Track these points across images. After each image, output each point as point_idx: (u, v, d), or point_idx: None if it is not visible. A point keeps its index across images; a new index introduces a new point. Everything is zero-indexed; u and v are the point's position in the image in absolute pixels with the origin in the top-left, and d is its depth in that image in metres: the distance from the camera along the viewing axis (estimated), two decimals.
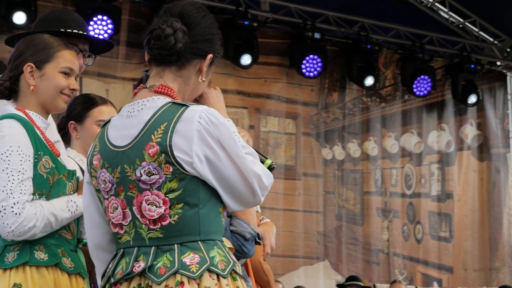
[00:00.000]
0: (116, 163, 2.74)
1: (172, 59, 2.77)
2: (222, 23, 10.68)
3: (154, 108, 2.71)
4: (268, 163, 3.35)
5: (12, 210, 3.05)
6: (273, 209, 10.95)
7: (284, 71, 11.24)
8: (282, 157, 11.16)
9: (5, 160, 3.10)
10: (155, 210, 2.67)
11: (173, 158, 2.64)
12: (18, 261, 3.14)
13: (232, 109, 10.89)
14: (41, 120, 3.30)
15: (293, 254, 11.05)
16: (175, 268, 2.62)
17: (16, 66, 3.30)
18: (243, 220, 3.32)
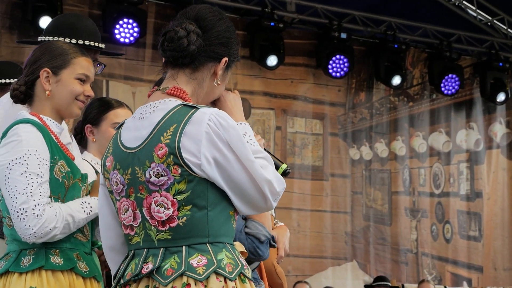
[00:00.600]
0: (127, 164, 2.74)
1: (185, 61, 2.77)
2: (247, 25, 10.71)
3: (165, 110, 2.71)
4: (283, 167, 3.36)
5: (33, 212, 3.09)
6: (300, 210, 10.96)
7: (310, 71, 11.23)
8: (309, 157, 11.15)
9: (23, 164, 3.13)
10: (164, 211, 2.67)
11: (181, 160, 2.63)
12: (34, 265, 3.16)
13: (259, 110, 10.91)
14: (55, 125, 3.33)
15: (321, 255, 11.04)
16: (182, 269, 2.62)
17: (33, 71, 3.34)
18: (258, 222, 3.32)
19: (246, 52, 10.74)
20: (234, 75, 10.74)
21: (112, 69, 9.96)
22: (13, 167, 3.13)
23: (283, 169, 3.36)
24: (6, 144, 3.19)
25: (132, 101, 10.07)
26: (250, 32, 10.71)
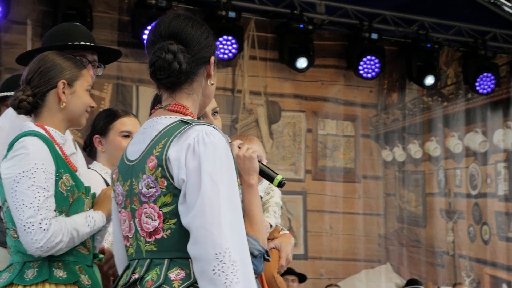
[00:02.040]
0: (127, 176, 2.81)
1: (182, 80, 2.81)
2: (277, 27, 10.69)
3: (164, 125, 2.77)
4: (278, 179, 3.34)
5: (40, 226, 3.12)
6: (332, 213, 10.89)
7: (341, 73, 11.16)
8: (341, 160, 11.08)
9: (30, 177, 3.16)
10: (151, 223, 2.72)
11: (167, 172, 2.68)
12: (38, 278, 3.20)
13: (289, 113, 10.87)
14: (59, 136, 3.37)
15: (354, 258, 10.96)
16: (160, 282, 2.66)
17: (46, 82, 3.36)
18: (251, 236, 3.27)
19: (275, 55, 10.72)
20: (264, 78, 10.73)
21: (141, 74, 10.00)
22: (20, 180, 3.17)
23: (278, 181, 3.34)
24: (13, 157, 3.23)
25: None
26: (279, 35, 10.68)
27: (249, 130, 10.60)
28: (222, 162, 2.66)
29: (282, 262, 3.62)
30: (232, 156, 2.74)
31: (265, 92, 10.74)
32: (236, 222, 2.64)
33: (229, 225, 2.60)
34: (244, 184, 3.33)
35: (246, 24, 10.53)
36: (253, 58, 10.67)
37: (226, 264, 2.56)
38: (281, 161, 10.77)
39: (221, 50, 10.13)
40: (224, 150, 2.70)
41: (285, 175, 10.35)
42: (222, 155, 2.68)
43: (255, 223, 3.28)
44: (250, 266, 2.63)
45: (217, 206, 2.60)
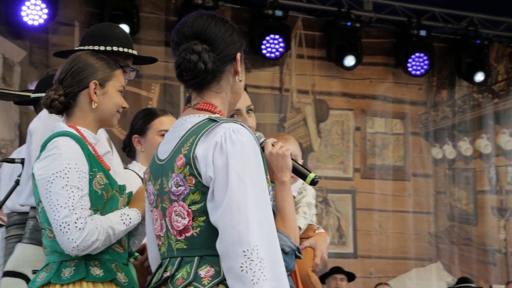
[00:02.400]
0: (157, 175, 2.83)
1: (209, 79, 2.83)
2: (324, 25, 10.66)
3: (192, 123, 2.79)
4: (311, 176, 3.33)
5: (76, 225, 3.12)
6: (382, 211, 10.84)
7: (390, 70, 11.09)
8: (390, 158, 11.02)
9: (64, 177, 3.17)
10: (181, 221, 2.74)
11: (195, 170, 2.69)
12: (75, 276, 3.21)
13: (337, 111, 10.84)
14: (92, 136, 3.38)
15: (404, 256, 10.89)
16: (189, 279, 2.68)
17: (78, 82, 3.37)
18: (283, 233, 3.27)
19: (323, 53, 10.69)
20: (312, 76, 10.71)
21: None
22: (54, 181, 3.17)
23: (311, 178, 3.33)
24: (46, 157, 3.24)
25: None
26: (326, 33, 10.66)
27: (297, 129, 10.59)
28: (249, 160, 2.67)
29: (317, 260, 3.62)
30: (260, 154, 2.74)
31: (313, 91, 10.73)
32: (265, 220, 2.64)
33: (257, 223, 2.60)
34: (277, 182, 3.33)
35: (293, 23, 10.52)
36: (301, 56, 10.66)
37: (254, 261, 2.56)
38: (329, 159, 10.74)
39: (268, 49, 10.14)
40: (252, 147, 2.70)
41: (333, 174, 10.37)
42: (250, 152, 2.68)
43: (287, 220, 3.28)
44: (280, 263, 2.63)
45: (244, 204, 2.61)
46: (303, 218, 3.56)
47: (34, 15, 8.99)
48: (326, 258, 3.67)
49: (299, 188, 3.66)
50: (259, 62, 10.38)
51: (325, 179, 10.63)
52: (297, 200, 3.62)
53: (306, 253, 3.62)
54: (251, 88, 10.29)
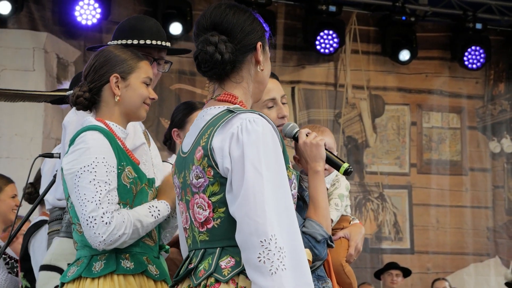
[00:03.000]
0: (181, 168, 2.84)
1: (227, 70, 2.81)
2: (378, 20, 10.61)
3: (211, 115, 2.78)
4: (344, 166, 3.36)
5: (102, 220, 3.12)
6: (439, 206, 10.75)
7: (446, 64, 10.99)
8: (447, 152, 10.92)
9: (91, 171, 3.17)
10: (202, 213, 2.74)
11: (213, 162, 2.69)
12: (105, 270, 3.21)
13: (393, 106, 10.78)
14: (121, 130, 3.38)
15: (462, 251, 10.78)
16: (211, 270, 2.68)
17: (99, 77, 3.38)
18: (315, 221, 3.29)
19: (378, 48, 10.65)
20: (367, 71, 10.67)
21: None
22: (82, 175, 3.17)
23: (345, 168, 3.35)
24: (74, 152, 3.24)
25: None
26: (381, 27, 10.61)
27: (352, 124, 10.57)
28: (266, 150, 2.65)
29: (351, 251, 3.61)
30: (280, 143, 2.71)
31: (368, 86, 10.69)
32: (284, 209, 2.62)
33: (275, 212, 2.59)
34: (310, 171, 3.36)
35: (347, 18, 10.49)
36: (356, 52, 10.63)
37: (272, 251, 2.54)
38: (385, 155, 10.69)
39: (322, 44, 10.13)
40: (270, 137, 2.68)
41: (389, 169, 10.31)
42: (267, 142, 2.66)
43: (320, 209, 3.30)
44: (301, 252, 2.61)
45: (261, 194, 2.59)
46: (335, 210, 3.56)
47: (87, 15, 9.11)
48: (361, 249, 3.67)
49: (332, 180, 3.67)
50: (314, 58, 10.38)
51: (381, 175, 10.60)
52: (330, 192, 3.62)
53: (340, 243, 3.62)
54: (306, 84, 10.32)
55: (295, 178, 2.85)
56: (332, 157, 3.39)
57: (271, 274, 2.54)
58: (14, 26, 9.17)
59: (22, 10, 9.13)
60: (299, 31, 10.34)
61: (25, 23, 9.22)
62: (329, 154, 3.39)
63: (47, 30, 9.27)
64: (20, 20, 9.19)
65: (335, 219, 3.57)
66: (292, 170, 2.82)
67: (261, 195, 2.59)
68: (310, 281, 2.61)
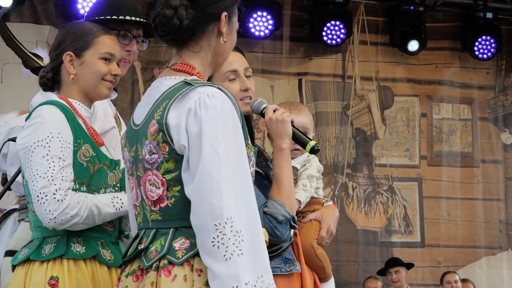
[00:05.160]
0: (132, 141, 2.69)
1: (185, 38, 2.68)
2: (387, 10, 10.47)
3: (167, 86, 2.63)
4: (311, 144, 3.24)
5: (54, 196, 2.99)
6: (450, 199, 10.60)
7: (456, 55, 10.83)
8: (457, 144, 10.76)
9: (45, 146, 3.05)
10: (155, 191, 2.59)
11: (169, 137, 2.54)
12: (54, 253, 3.09)
13: (402, 97, 10.64)
14: (84, 109, 3.26)
15: (473, 245, 10.62)
16: (163, 252, 2.54)
17: (57, 55, 3.28)
18: (277, 201, 3.16)
19: (386, 38, 10.52)
20: (375, 62, 10.54)
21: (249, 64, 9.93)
22: (35, 150, 3.05)
23: (311, 146, 3.24)
24: (29, 126, 3.13)
25: (271, 95, 10.07)
26: (389, 18, 10.47)
27: (361, 116, 10.44)
28: (225, 126, 2.50)
29: (322, 233, 3.48)
30: (239, 120, 2.58)
31: (376, 77, 10.55)
32: (243, 190, 2.48)
33: (232, 194, 2.44)
34: (275, 148, 3.23)
35: (355, 9, 10.37)
36: (364, 43, 10.49)
37: (227, 235, 2.40)
38: (395, 147, 10.55)
39: (329, 35, 10.01)
40: (229, 113, 2.53)
41: (399, 161, 10.18)
42: (226, 118, 2.52)
43: (283, 188, 3.18)
44: (260, 237, 2.47)
45: (217, 174, 2.44)
46: (302, 190, 3.43)
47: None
48: (334, 231, 3.54)
49: (303, 161, 3.55)
50: (321, 49, 10.27)
51: (391, 167, 10.46)
52: (300, 172, 3.51)
53: (311, 225, 3.50)
54: (313, 76, 10.20)
55: (253, 155, 2.72)
56: (298, 134, 3.28)
57: (225, 260, 2.39)
58: (16, 20, 9.14)
59: (24, 4, 9.08)
60: (306, 22, 10.22)
61: (28, 16, 9.18)
62: (296, 131, 3.27)
63: (50, 23, 9.21)
64: (22, 13, 9.15)
65: (304, 200, 3.44)
66: (250, 147, 2.67)
67: (218, 175, 2.44)
68: (268, 266, 2.47)
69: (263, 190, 3.25)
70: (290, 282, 3.32)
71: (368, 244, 10.25)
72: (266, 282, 2.43)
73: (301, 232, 3.46)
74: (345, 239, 10.15)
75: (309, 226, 3.49)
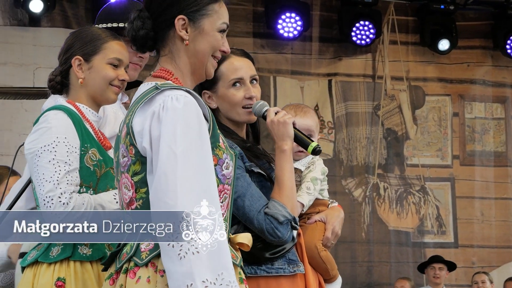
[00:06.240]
0: (116, 147, 2.76)
1: (149, 46, 2.76)
2: (417, 9, 10.42)
3: (141, 91, 2.70)
4: (313, 145, 3.25)
5: (60, 200, 3.05)
6: (483, 199, 10.50)
7: (488, 53, 10.72)
8: (491, 143, 10.65)
9: (51, 151, 3.11)
10: (127, 193, 2.65)
11: (134, 140, 2.60)
12: (61, 255, 3.14)
13: (433, 97, 10.57)
14: (91, 113, 3.31)
15: (508, 245, 10.51)
16: (131, 254, 2.58)
17: (66, 59, 3.33)
18: (278, 202, 3.17)
19: (416, 38, 10.46)
20: (406, 62, 10.48)
21: (279, 65, 10.02)
22: (42, 154, 3.12)
23: (313, 147, 3.25)
24: (36, 131, 3.19)
25: (300, 96, 10.07)
26: (420, 17, 10.41)
27: (392, 116, 10.39)
28: (185, 128, 2.53)
29: (327, 234, 3.46)
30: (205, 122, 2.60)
31: (407, 77, 10.49)
32: (204, 190, 2.49)
33: (192, 193, 2.46)
34: (277, 150, 3.25)
35: (384, 9, 10.32)
36: (394, 42, 10.44)
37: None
38: (427, 147, 10.48)
39: (358, 36, 9.98)
40: (192, 114, 2.56)
41: (431, 161, 10.10)
42: (187, 119, 2.54)
43: (284, 188, 3.19)
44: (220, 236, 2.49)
45: (173, 175, 2.46)
46: (306, 193, 3.41)
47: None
48: (339, 232, 3.52)
49: (307, 163, 3.54)
50: (350, 49, 10.24)
51: (422, 167, 10.40)
52: (304, 174, 3.50)
53: (316, 226, 3.48)
54: (343, 77, 10.18)
55: (229, 157, 2.71)
56: (300, 136, 3.28)
57: (179, 259, 2.42)
58: (47, 25, 9.24)
59: (55, 8, 9.17)
60: (335, 22, 10.20)
61: (59, 21, 9.28)
62: (298, 132, 3.28)
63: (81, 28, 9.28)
64: (53, 18, 9.25)
65: (307, 204, 3.43)
66: (224, 149, 2.69)
67: (173, 175, 2.46)
68: (228, 264, 2.48)
69: (266, 192, 3.26)
70: (294, 283, 3.32)
71: (401, 245, 10.20)
72: (226, 280, 2.44)
73: (305, 233, 3.45)
74: (377, 240, 10.11)
75: (313, 227, 3.48)
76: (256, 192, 3.20)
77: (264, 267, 3.26)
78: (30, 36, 9.16)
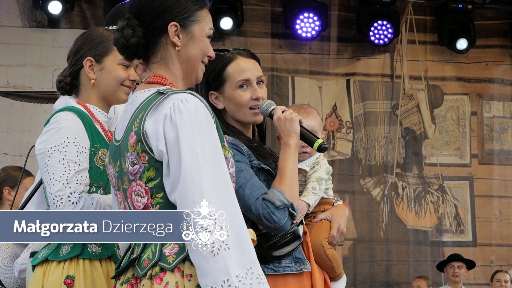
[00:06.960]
0: (116, 157, 2.78)
1: (140, 53, 2.78)
2: (435, 9, 10.41)
3: (142, 99, 2.73)
4: (319, 142, 3.28)
5: (69, 199, 3.09)
6: (502, 197, 10.48)
7: (507, 52, 10.69)
8: (509, 142, 10.63)
9: (61, 151, 3.15)
10: (140, 200, 2.67)
11: (147, 146, 2.63)
12: (71, 253, 3.18)
13: (452, 96, 10.56)
14: (101, 114, 3.36)
15: None
16: (155, 259, 2.61)
17: (76, 61, 3.37)
18: (276, 188, 3.19)
19: (434, 37, 10.45)
20: (424, 61, 10.48)
21: (297, 65, 10.05)
22: (52, 155, 3.15)
23: (318, 144, 3.28)
24: (46, 132, 3.23)
25: (319, 96, 10.10)
26: (437, 17, 10.40)
27: (410, 116, 10.39)
28: (200, 128, 2.58)
29: (333, 232, 3.51)
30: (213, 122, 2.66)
31: (425, 76, 10.48)
32: (224, 188, 2.55)
33: (214, 192, 2.52)
34: (283, 145, 3.29)
35: (403, 8, 10.32)
36: (412, 42, 10.44)
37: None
38: (445, 146, 10.48)
39: (376, 35, 9.99)
40: (203, 115, 2.62)
41: (449, 160, 10.09)
42: (200, 120, 2.60)
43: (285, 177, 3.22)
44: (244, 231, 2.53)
45: (198, 174, 2.52)
46: (312, 194, 3.46)
47: None
48: (344, 230, 3.56)
49: (312, 163, 3.58)
50: (369, 49, 10.25)
51: (441, 166, 10.39)
52: (309, 175, 3.54)
53: (321, 225, 3.53)
54: (361, 76, 10.19)
55: (231, 156, 2.78)
56: (306, 133, 3.32)
57: (213, 256, 2.46)
58: (66, 26, 9.31)
59: (74, 10, 9.25)
60: (353, 22, 10.22)
61: (78, 22, 9.35)
62: (304, 130, 3.32)
63: None
64: (72, 19, 9.32)
65: (312, 204, 3.48)
66: (228, 149, 2.75)
67: (198, 175, 2.52)
68: (255, 258, 2.53)
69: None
70: (301, 281, 3.36)
71: (419, 244, 10.20)
72: (256, 273, 2.49)
73: (311, 232, 3.49)
74: (396, 239, 10.12)
75: (319, 226, 3.53)
76: (257, 183, 3.22)
77: (271, 265, 3.31)
78: (49, 38, 9.24)
